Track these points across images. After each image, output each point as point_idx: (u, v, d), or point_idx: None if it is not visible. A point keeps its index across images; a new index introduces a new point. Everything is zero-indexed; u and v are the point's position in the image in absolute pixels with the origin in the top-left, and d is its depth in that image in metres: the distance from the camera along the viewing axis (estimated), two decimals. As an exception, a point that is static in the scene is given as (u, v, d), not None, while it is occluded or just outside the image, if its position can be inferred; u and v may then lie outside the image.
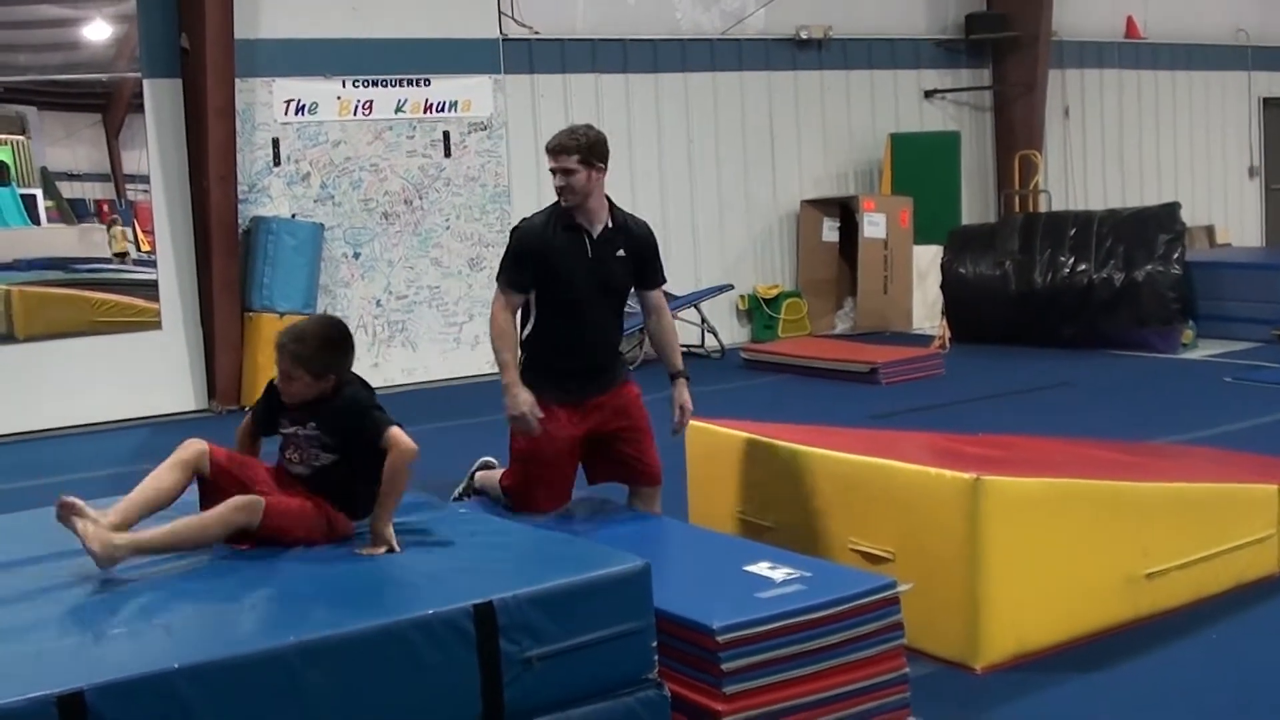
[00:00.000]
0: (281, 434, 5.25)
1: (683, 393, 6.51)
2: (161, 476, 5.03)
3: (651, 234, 6.50)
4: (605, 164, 6.25)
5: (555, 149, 6.21)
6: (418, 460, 5.12)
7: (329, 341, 5.23)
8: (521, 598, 4.27)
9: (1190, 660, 5.65)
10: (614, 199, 6.42)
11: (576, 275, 6.19)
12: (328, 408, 5.17)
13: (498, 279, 6.36)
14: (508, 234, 6.56)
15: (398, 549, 4.89)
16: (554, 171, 6.20)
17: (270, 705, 3.87)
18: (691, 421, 7.24)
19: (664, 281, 6.59)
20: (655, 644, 4.54)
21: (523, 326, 6.39)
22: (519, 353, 6.34)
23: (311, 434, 5.18)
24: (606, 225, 6.28)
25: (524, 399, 6.12)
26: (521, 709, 4.27)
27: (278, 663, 3.88)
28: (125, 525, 4.80)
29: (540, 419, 6.17)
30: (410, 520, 5.35)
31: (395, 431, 5.15)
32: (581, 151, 6.16)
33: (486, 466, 7.03)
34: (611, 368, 6.45)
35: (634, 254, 6.36)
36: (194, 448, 5.08)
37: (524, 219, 6.44)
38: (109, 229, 13.24)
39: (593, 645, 4.38)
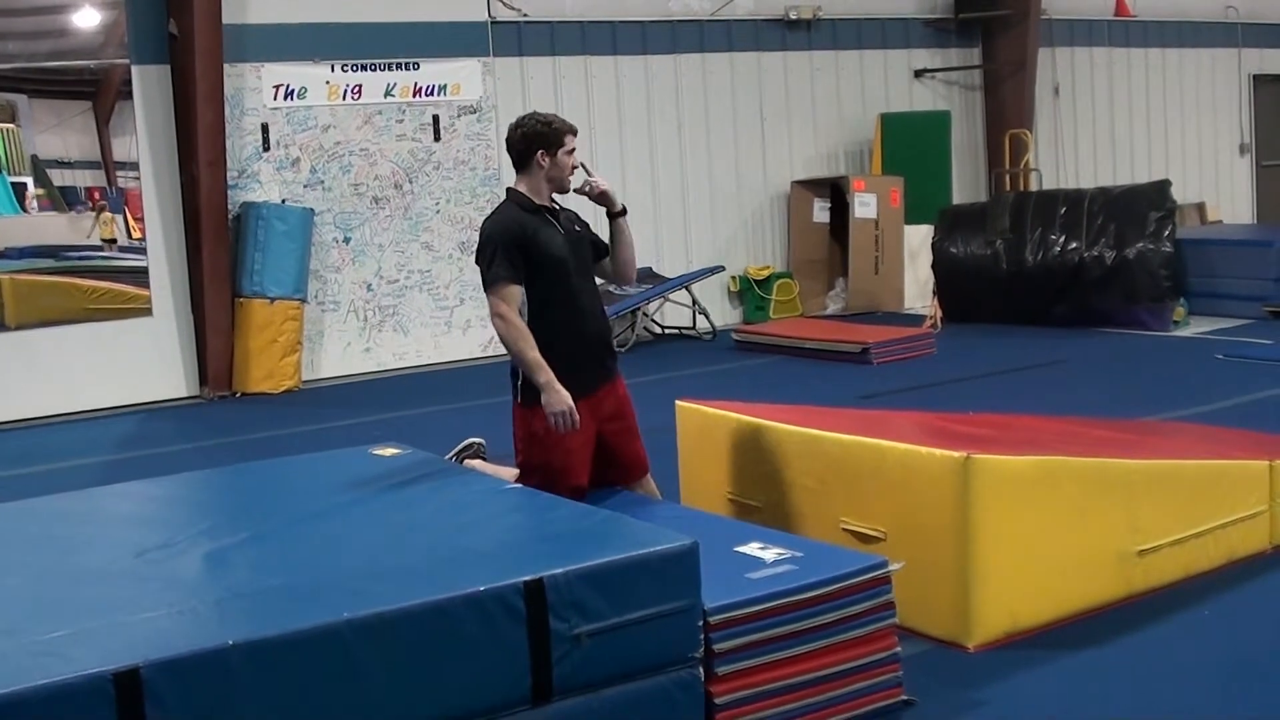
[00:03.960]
0: None
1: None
2: None
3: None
4: None
5: (575, 130, 6.21)
6: None
7: None
8: (571, 575, 4.31)
9: (1183, 637, 5.66)
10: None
11: (562, 255, 6.06)
12: None
13: (490, 281, 5.99)
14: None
15: None
16: (571, 153, 6.16)
17: (323, 681, 3.93)
18: (682, 402, 7.27)
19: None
20: (701, 623, 4.55)
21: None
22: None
23: None
24: (553, 203, 6.25)
25: (566, 395, 5.87)
26: (571, 685, 4.32)
27: (330, 639, 3.94)
28: None
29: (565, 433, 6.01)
30: (460, 495, 5.38)
31: None
32: None
33: (474, 450, 6.98)
34: (611, 349, 6.39)
35: (582, 226, 6.33)
36: None
37: (489, 217, 6.21)
38: (97, 215, 13.22)
39: (641, 623, 4.42)
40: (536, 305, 6.01)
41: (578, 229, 6.26)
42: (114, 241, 13.27)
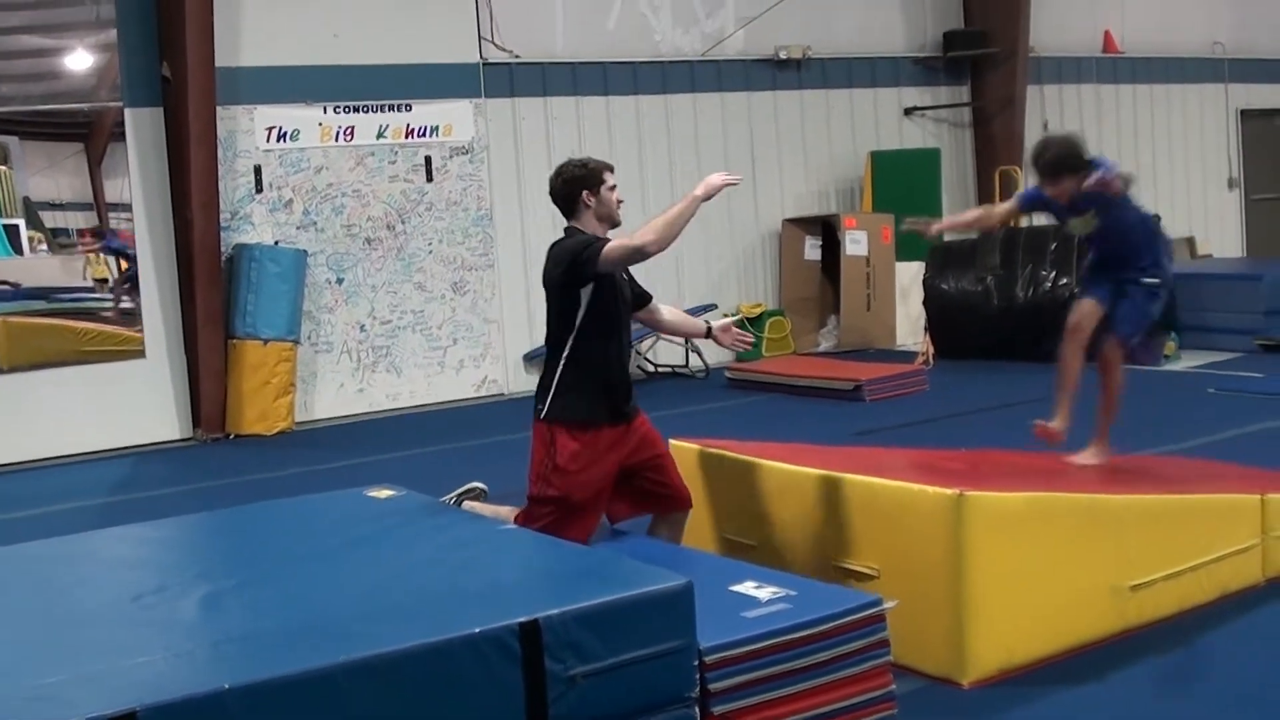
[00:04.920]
0: None
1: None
2: None
3: None
4: None
5: (612, 167, 6.39)
6: None
7: None
8: (567, 615, 4.31)
9: (1177, 671, 5.68)
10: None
11: (614, 290, 6.21)
12: None
13: (596, 251, 6.01)
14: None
15: None
16: (613, 189, 6.33)
17: (319, 724, 3.93)
18: (677, 441, 7.29)
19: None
20: (697, 663, 4.55)
21: (559, 349, 6.22)
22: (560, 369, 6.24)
23: None
24: None
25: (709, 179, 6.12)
26: (567, 727, 4.32)
27: (326, 682, 3.95)
28: None
29: (589, 465, 6.13)
30: (455, 536, 5.39)
31: None
32: None
33: (475, 493, 6.99)
34: (630, 391, 6.45)
35: (628, 273, 6.44)
36: None
37: (562, 240, 6.30)
38: (97, 256, 13.22)
39: (636, 663, 4.42)
40: (579, 333, 6.15)
41: (624, 275, 6.38)
42: (105, 281, 13.28)
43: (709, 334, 6.92)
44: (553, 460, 6.11)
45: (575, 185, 6.27)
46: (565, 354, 6.17)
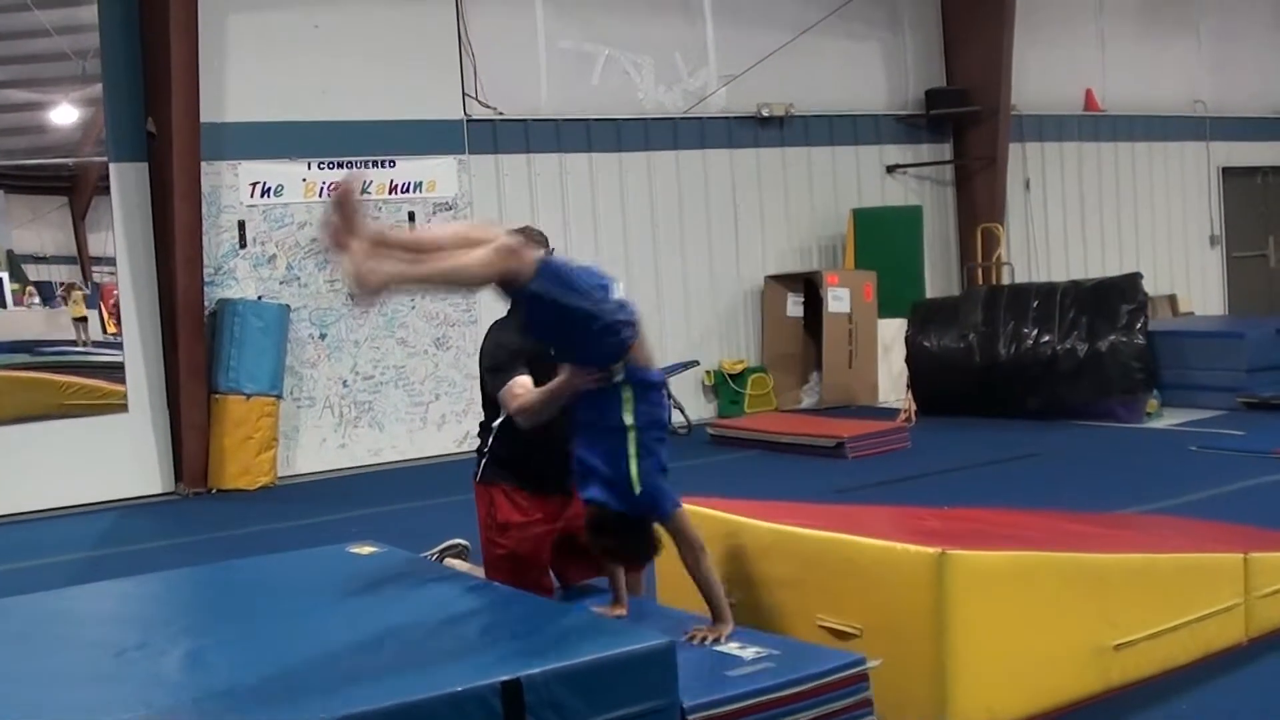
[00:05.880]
0: None
1: None
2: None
3: None
4: None
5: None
6: None
7: None
8: (549, 674, 4.29)
9: (1159, 732, 5.67)
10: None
11: (547, 370, 6.15)
12: None
13: (500, 382, 6.01)
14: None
15: None
16: None
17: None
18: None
19: None
20: None
21: (489, 422, 6.28)
22: (491, 440, 6.27)
23: None
24: None
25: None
26: (547, 787, 4.29)
27: None
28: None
29: (529, 519, 6.16)
30: (437, 594, 5.39)
31: None
32: None
33: (457, 550, 6.98)
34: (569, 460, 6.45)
35: None
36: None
37: (495, 324, 6.34)
38: (69, 295, 13.19)
39: None
40: (505, 419, 6.12)
41: None
42: (84, 320, 13.24)
43: None
44: (494, 519, 6.18)
45: None
46: (496, 428, 6.25)
